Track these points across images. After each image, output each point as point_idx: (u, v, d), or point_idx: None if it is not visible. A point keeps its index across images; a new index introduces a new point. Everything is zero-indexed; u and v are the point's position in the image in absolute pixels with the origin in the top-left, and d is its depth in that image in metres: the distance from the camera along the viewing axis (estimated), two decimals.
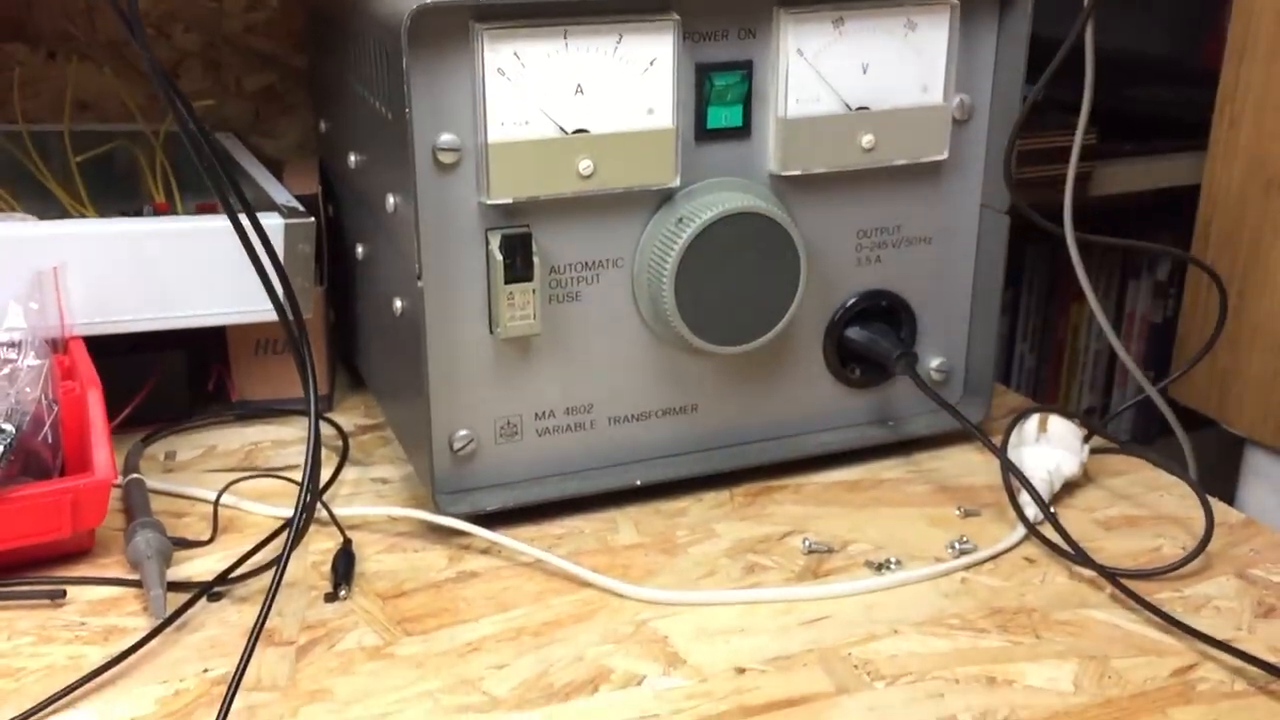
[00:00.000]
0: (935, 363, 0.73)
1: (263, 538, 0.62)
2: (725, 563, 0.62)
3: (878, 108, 0.66)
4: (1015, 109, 0.68)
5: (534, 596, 0.59)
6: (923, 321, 0.72)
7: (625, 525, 0.66)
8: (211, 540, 0.64)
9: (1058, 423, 0.68)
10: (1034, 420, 0.68)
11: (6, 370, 0.60)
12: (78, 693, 0.51)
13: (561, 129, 0.60)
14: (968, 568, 0.61)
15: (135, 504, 0.64)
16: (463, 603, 0.59)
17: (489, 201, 0.60)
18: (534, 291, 0.62)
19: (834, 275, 0.69)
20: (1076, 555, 0.60)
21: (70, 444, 0.63)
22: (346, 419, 0.78)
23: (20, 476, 0.58)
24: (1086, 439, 0.69)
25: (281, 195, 0.74)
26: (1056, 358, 1.31)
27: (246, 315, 0.70)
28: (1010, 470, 0.64)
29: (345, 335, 0.83)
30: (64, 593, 0.58)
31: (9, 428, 0.57)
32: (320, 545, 0.63)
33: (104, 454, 0.60)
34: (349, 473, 0.72)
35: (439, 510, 0.64)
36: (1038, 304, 1.31)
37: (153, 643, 0.55)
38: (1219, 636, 0.54)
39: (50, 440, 0.61)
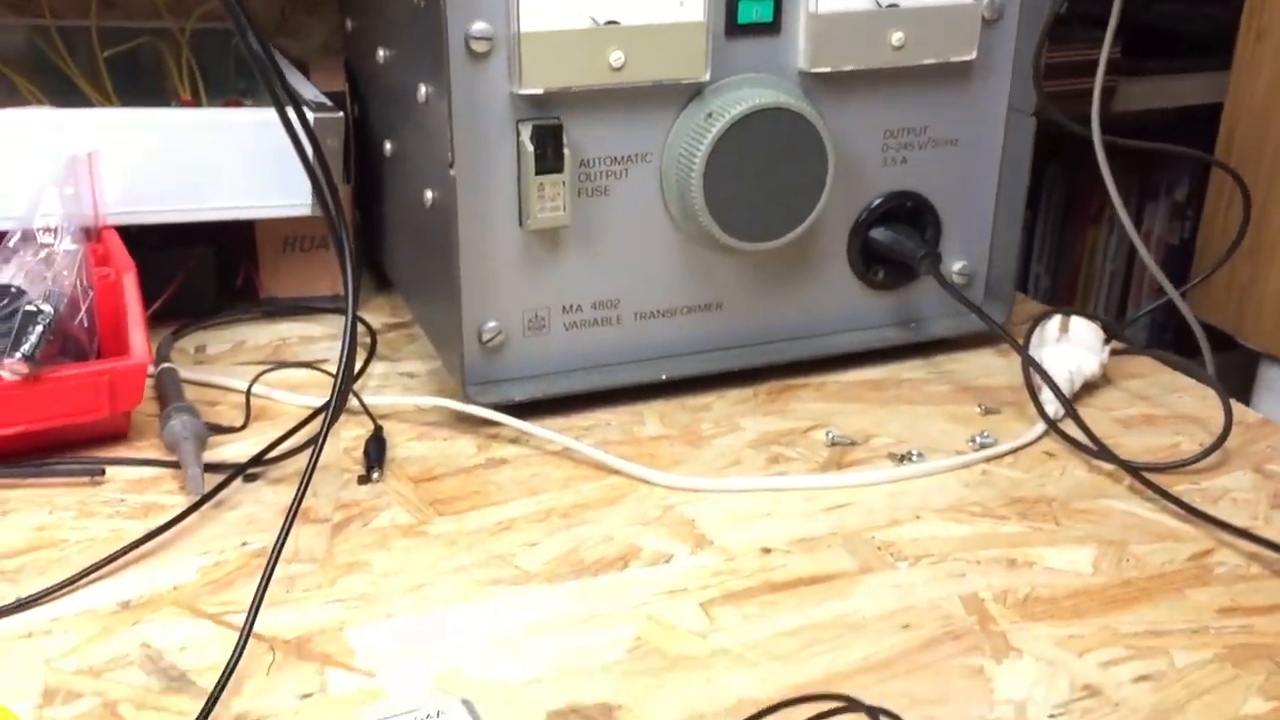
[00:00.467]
0: (958, 266, 0.74)
1: (294, 425, 0.63)
2: (749, 454, 0.63)
3: (908, 4, 0.65)
4: (1044, 11, 0.68)
5: (562, 482, 0.60)
6: (947, 224, 0.73)
7: (650, 418, 0.67)
8: (244, 427, 0.65)
9: (1079, 323, 0.69)
10: (1055, 321, 0.69)
11: (43, 254, 0.61)
12: (120, 561, 0.53)
13: (593, 19, 0.60)
14: (988, 460, 0.62)
15: (168, 391, 0.65)
16: (493, 487, 0.60)
17: (520, 91, 0.61)
18: (564, 184, 0.62)
19: (860, 175, 0.69)
20: (1097, 449, 0.61)
21: (105, 330, 0.63)
22: (373, 318, 0.79)
23: (58, 358, 0.59)
24: (1106, 341, 0.70)
25: (309, 91, 0.75)
26: (1071, 279, 1.32)
27: (276, 209, 0.71)
28: (1032, 365, 0.65)
29: (371, 236, 0.83)
30: (103, 470, 0.59)
31: (47, 308, 0.58)
32: (351, 433, 0.64)
33: (140, 337, 0.61)
34: (376, 367, 0.73)
35: (468, 401, 0.65)
36: (1054, 225, 1.31)
37: (191, 518, 0.56)
38: (1236, 525, 0.55)
39: (86, 325, 0.62)
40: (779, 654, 0.48)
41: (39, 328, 0.58)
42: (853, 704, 0.40)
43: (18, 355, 0.57)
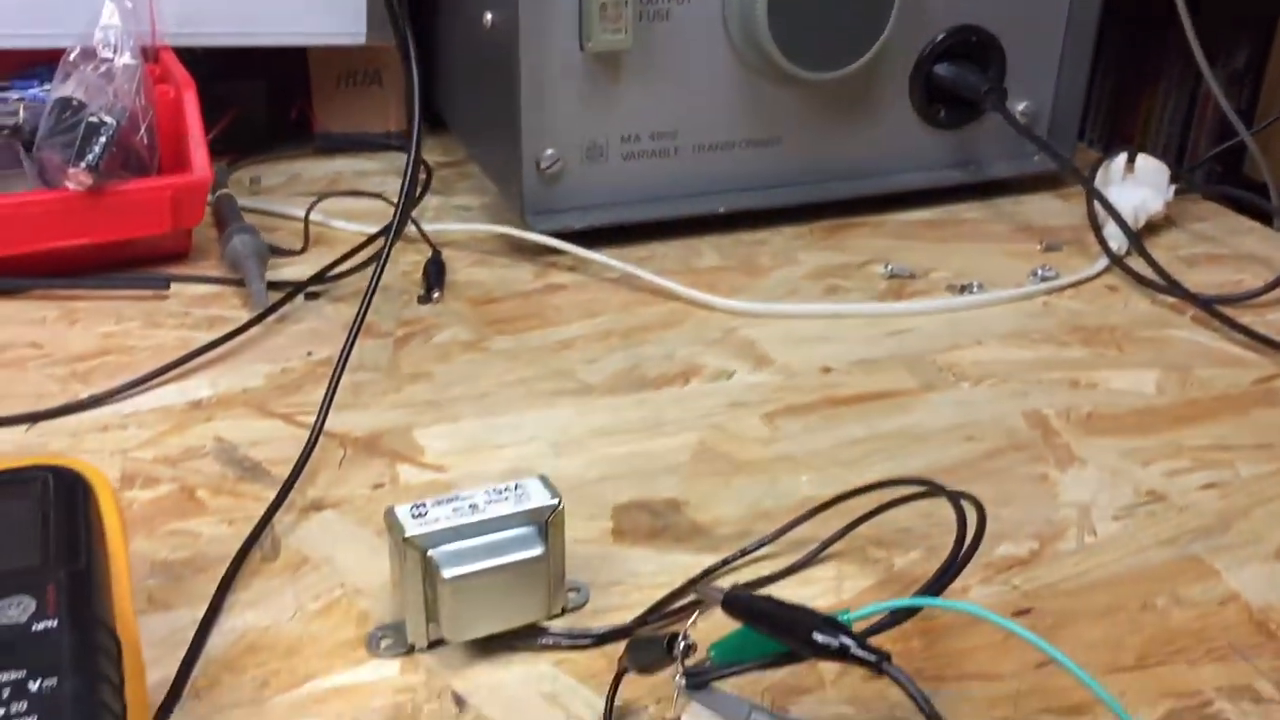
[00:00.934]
0: (1021, 105, 0.73)
1: (354, 247, 0.63)
2: (807, 285, 0.63)
3: None
4: None
5: (621, 306, 0.60)
6: (1012, 62, 0.71)
7: (707, 251, 0.67)
8: (303, 250, 0.66)
9: (1146, 161, 0.68)
10: (1121, 159, 0.68)
11: (103, 69, 0.61)
12: (190, 365, 0.53)
13: None
14: (1049, 292, 0.62)
15: (227, 215, 0.65)
16: (552, 310, 0.60)
17: None
18: (626, 3, 0.61)
19: (925, 7, 0.68)
20: (1161, 280, 0.60)
21: (166, 148, 0.63)
22: (427, 156, 0.78)
23: (120, 172, 0.59)
24: (1172, 181, 0.69)
25: None
26: (1125, 144, 1.29)
27: (331, 37, 0.70)
28: (1097, 198, 0.64)
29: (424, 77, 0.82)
30: (168, 284, 0.60)
31: (110, 120, 0.58)
32: (409, 259, 0.65)
33: (201, 154, 0.61)
34: (431, 201, 0.73)
35: (526, 228, 0.64)
36: (1108, 95, 1.28)
37: (255, 330, 0.56)
38: None
39: (147, 141, 0.61)
40: (842, 460, 0.48)
41: (102, 139, 0.58)
42: (935, 488, 0.40)
43: (82, 165, 0.57)
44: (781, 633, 0.30)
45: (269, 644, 0.38)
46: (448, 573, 0.36)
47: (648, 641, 0.34)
